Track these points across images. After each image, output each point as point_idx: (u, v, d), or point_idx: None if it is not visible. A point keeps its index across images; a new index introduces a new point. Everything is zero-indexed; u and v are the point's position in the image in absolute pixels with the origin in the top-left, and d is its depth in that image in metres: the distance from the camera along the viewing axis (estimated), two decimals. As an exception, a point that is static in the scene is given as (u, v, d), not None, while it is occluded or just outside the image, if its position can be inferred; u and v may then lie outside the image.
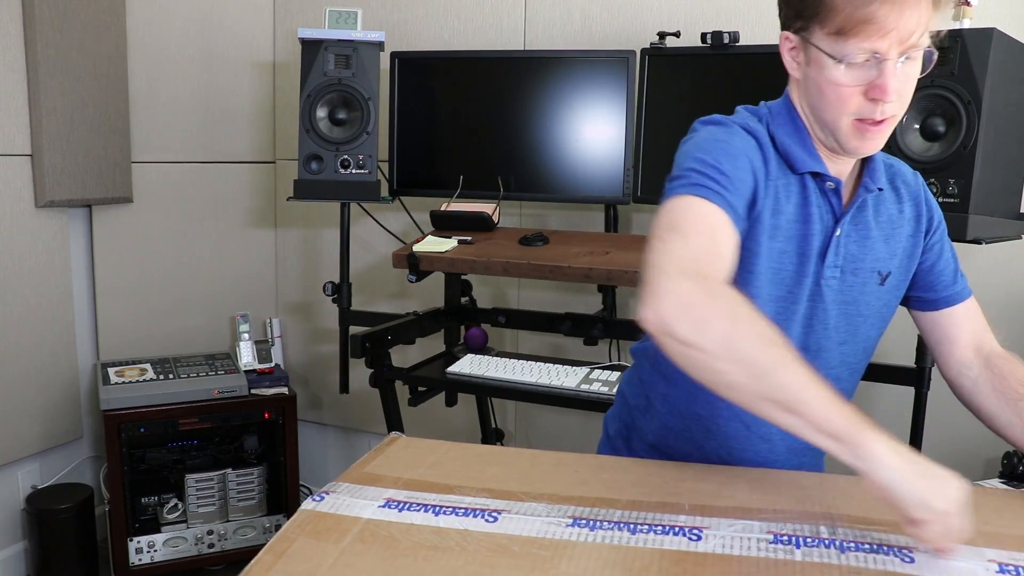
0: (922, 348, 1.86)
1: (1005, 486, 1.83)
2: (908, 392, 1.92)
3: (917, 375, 1.89)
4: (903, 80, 1.09)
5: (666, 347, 0.96)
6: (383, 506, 1.03)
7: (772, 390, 0.93)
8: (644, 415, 1.38)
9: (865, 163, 1.23)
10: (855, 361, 1.30)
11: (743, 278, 1.16)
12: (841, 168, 1.21)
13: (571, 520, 0.99)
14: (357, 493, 1.09)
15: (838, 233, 1.20)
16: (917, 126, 1.73)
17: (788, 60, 1.18)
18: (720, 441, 1.29)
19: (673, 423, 1.33)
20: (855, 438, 0.90)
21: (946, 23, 1.72)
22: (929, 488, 0.89)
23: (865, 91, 1.09)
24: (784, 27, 1.17)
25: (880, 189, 1.24)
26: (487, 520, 0.98)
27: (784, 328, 1.20)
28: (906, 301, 1.33)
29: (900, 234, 1.27)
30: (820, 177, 1.19)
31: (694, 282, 0.97)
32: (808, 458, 1.32)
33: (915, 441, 1.90)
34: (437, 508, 1.01)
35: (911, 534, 0.90)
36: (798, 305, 1.21)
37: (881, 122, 1.11)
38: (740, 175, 1.12)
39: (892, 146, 1.74)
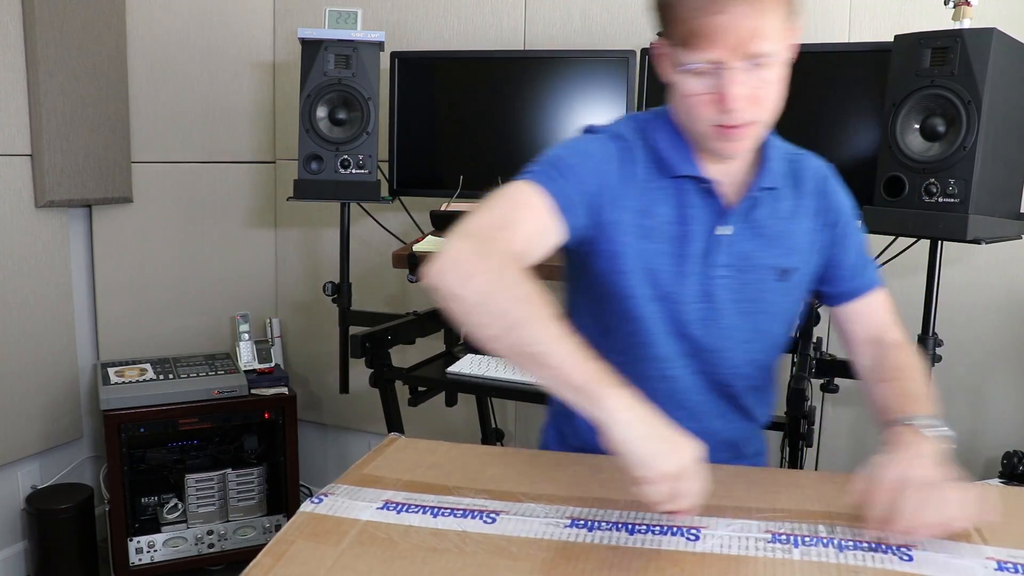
0: (923, 348, 1.86)
1: (1005, 486, 1.83)
2: (908, 392, 1.92)
3: (917, 375, 1.88)
4: (757, 86, 1.10)
5: (438, 301, 1.03)
6: (381, 508, 1.03)
7: (524, 343, 0.99)
8: (565, 419, 1.41)
9: (759, 160, 1.23)
10: (763, 358, 1.31)
11: (613, 279, 1.21)
12: (727, 168, 1.22)
13: (569, 521, 0.99)
14: (356, 495, 1.09)
15: (726, 232, 1.21)
16: (917, 126, 1.73)
17: (659, 66, 1.19)
18: None
19: (584, 421, 1.34)
20: (596, 393, 0.96)
21: (946, 23, 1.72)
22: (656, 450, 0.93)
23: (713, 99, 1.11)
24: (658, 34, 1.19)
25: (772, 188, 1.23)
26: (485, 521, 0.98)
27: (676, 328, 1.23)
28: (814, 294, 1.34)
29: (800, 229, 1.26)
30: (697, 179, 1.21)
31: (472, 242, 1.05)
32: (724, 454, 1.31)
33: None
34: (436, 510, 1.01)
35: (636, 494, 0.93)
36: (686, 306, 1.22)
37: (740, 127, 1.12)
38: (582, 171, 1.17)
39: (892, 146, 1.74)
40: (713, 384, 1.28)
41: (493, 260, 1.03)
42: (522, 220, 1.12)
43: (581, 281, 1.26)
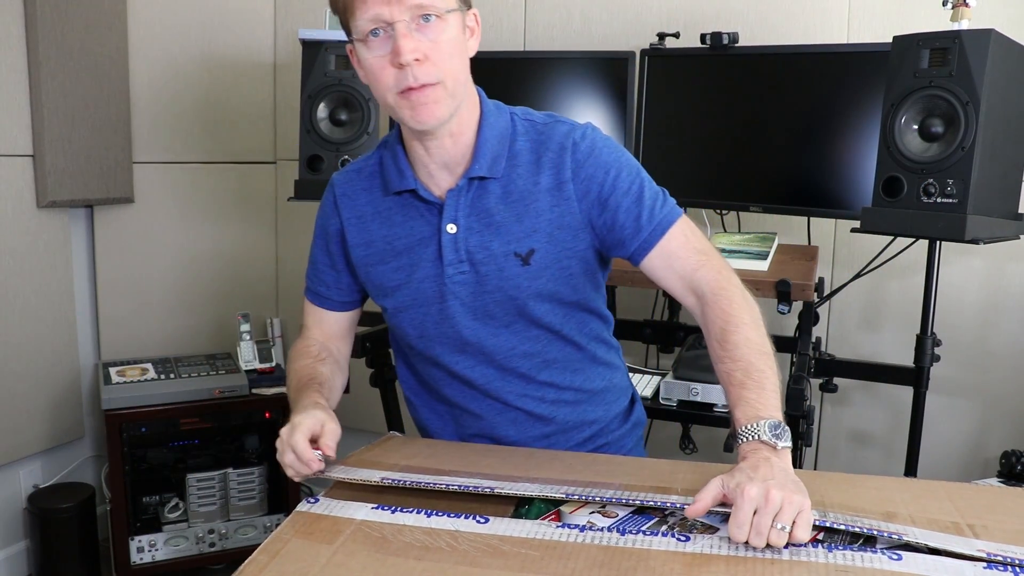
0: (921, 348, 1.86)
1: (1003, 485, 1.83)
2: (907, 392, 1.92)
3: (916, 375, 1.89)
4: (430, 45, 1.14)
5: None
6: (376, 508, 1.04)
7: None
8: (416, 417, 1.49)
9: (473, 149, 1.26)
10: (544, 333, 1.31)
11: (380, 305, 1.37)
12: (446, 163, 1.26)
13: (564, 495, 1.00)
14: (354, 474, 1.10)
15: (452, 231, 1.26)
16: (916, 127, 1.73)
17: (356, 67, 1.24)
18: (467, 409, 1.37)
19: (422, 417, 1.46)
20: None
21: (944, 24, 1.72)
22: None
23: (390, 61, 1.15)
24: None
25: (481, 178, 1.25)
26: (478, 521, 0.98)
27: (435, 331, 1.32)
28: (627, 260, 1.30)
29: (537, 208, 1.25)
30: (412, 191, 1.28)
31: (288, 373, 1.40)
32: (547, 428, 1.37)
33: (914, 440, 1.90)
34: (430, 511, 1.02)
35: None
36: (430, 308, 1.30)
37: (424, 88, 1.15)
38: (324, 258, 1.40)
39: (891, 146, 1.74)
40: (501, 370, 1.32)
41: (289, 366, 1.40)
42: (312, 327, 1.46)
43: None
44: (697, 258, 1.24)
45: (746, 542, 0.91)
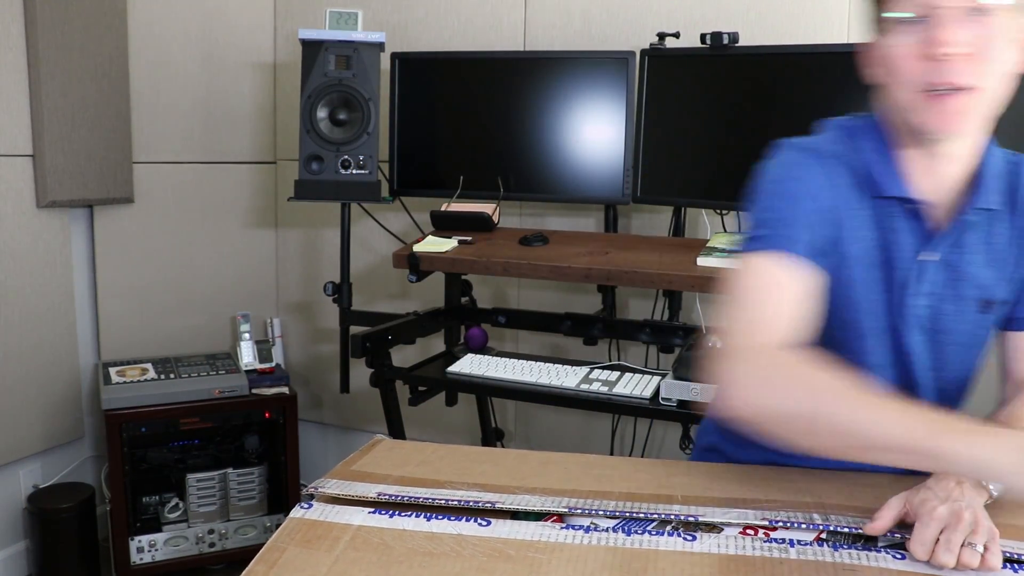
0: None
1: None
2: (907, 393, 1.92)
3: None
4: (981, 42, 0.95)
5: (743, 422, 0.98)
6: (373, 512, 1.02)
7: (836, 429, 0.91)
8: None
9: (975, 174, 1.08)
10: (953, 391, 1.18)
11: (846, 310, 1.11)
12: (939, 182, 1.07)
13: (566, 515, 0.99)
14: (348, 488, 1.08)
15: (932, 259, 1.08)
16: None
17: (868, 67, 1.10)
18: None
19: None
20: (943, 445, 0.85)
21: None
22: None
23: (922, 52, 0.97)
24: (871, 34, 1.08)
25: (987, 209, 1.07)
26: (480, 524, 0.98)
27: (880, 361, 1.13)
28: None
29: (1013, 255, 1.11)
30: (904, 200, 1.07)
31: (743, 363, 0.98)
32: None
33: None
34: (429, 514, 1.00)
35: None
36: (873, 339, 1.12)
37: (956, 93, 0.96)
38: (805, 214, 1.07)
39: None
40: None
41: (766, 372, 0.97)
42: (777, 302, 1.03)
43: None
44: None
45: (749, 540, 0.91)
